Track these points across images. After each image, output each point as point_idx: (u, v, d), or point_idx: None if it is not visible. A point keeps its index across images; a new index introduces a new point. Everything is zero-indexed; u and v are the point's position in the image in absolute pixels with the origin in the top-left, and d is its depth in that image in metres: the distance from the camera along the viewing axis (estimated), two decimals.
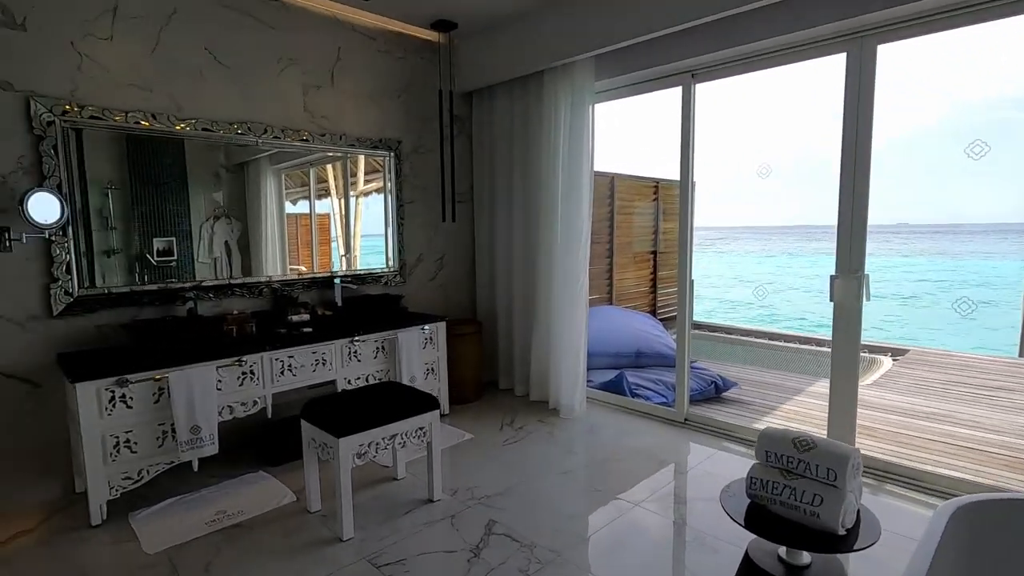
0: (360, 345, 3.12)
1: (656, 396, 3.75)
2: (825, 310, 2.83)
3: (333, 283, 3.47)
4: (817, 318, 11.94)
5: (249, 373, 2.70)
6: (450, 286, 4.19)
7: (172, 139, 2.79)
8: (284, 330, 3.01)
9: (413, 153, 3.86)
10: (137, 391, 2.37)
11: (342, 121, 3.47)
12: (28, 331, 2.48)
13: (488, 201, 4.14)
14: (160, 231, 2.73)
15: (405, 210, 3.84)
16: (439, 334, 3.51)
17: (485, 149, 4.11)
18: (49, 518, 2.40)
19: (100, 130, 2.60)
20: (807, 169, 20.26)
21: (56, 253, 2.51)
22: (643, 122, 5.99)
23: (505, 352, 4.12)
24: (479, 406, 3.81)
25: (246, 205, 3.09)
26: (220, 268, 3.01)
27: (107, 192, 2.60)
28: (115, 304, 2.68)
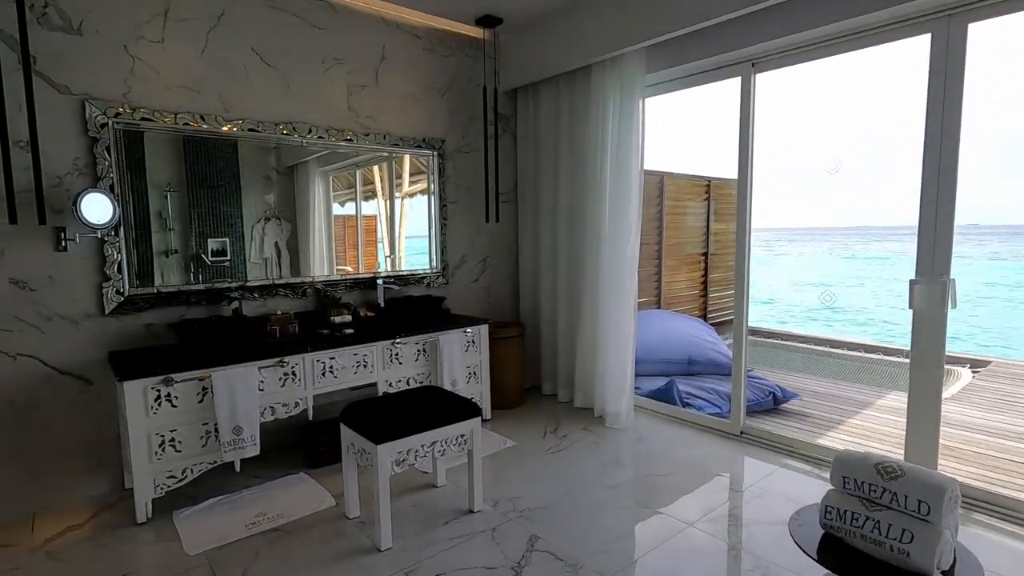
0: (401, 347, 3.06)
1: (709, 406, 3.54)
2: (900, 317, 2.57)
3: (376, 284, 3.43)
4: (890, 325, 11.18)
5: (291, 374, 2.68)
6: (493, 288, 4.10)
7: (226, 143, 2.83)
8: (326, 331, 2.99)
9: (457, 152, 3.80)
10: (182, 390, 2.38)
11: (386, 120, 3.43)
12: (82, 329, 2.53)
13: (532, 201, 4.03)
14: (215, 232, 2.78)
15: (448, 210, 3.77)
16: (481, 337, 3.42)
17: (529, 148, 4.00)
18: (98, 514, 2.44)
19: (157, 133, 2.63)
20: (882, 164, 17.86)
21: (108, 253, 2.55)
22: (695, 118, 5.69)
23: (549, 356, 4.00)
24: (521, 412, 3.70)
25: (295, 207, 3.10)
26: (270, 268, 3.03)
27: (166, 195, 2.66)
28: (164, 303, 2.71)
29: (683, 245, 5.94)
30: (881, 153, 33.78)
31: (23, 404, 2.42)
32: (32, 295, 2.41)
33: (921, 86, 2.39)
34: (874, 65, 37.09)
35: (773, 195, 19.75)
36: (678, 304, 5.88)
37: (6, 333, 2.37)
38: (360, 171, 3.39)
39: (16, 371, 2.40)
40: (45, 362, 2.46)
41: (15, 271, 2.37)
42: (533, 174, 4.00)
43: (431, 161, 3.66)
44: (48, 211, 2.39)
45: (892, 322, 11.41)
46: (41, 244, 2.42)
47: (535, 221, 4.03)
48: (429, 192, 3.69)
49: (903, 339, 5.82)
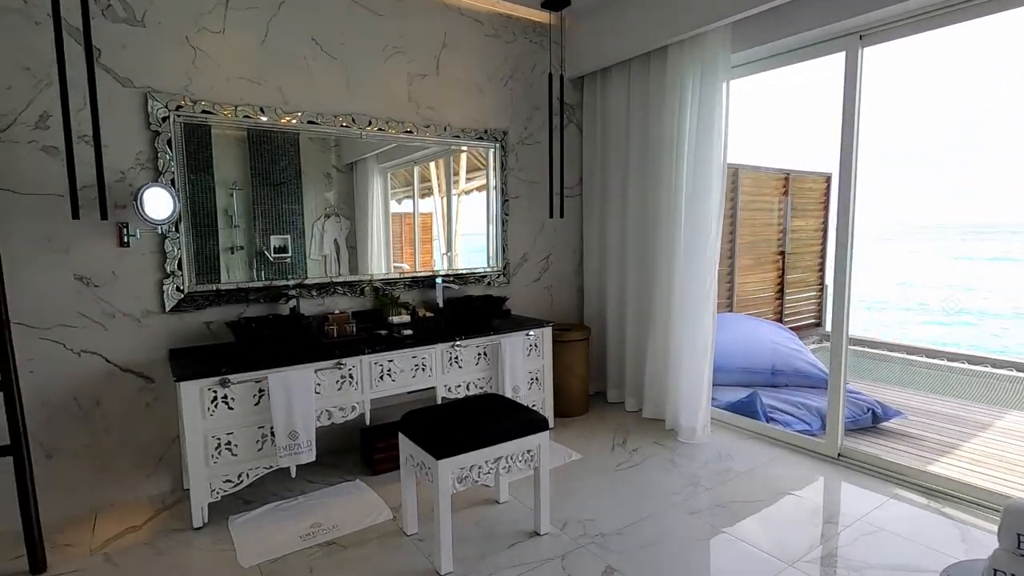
0: (461, 350, 2.89)
1: (796, 422, 3.19)
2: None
3: (435, 283, 3.28)
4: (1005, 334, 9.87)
5: (348, 377, 2.56)
6: (556, 288, 3.87)
7: (288, 140, 2.77)
8: (384, 331, 2.85)
9: (519, 144, 3.59)
10: (238, 392, 2.29)
11: (446, 111, 3.27)
12: (143, 326, 2.50)
13: (599, 195, 3.77)
14: (277, 229, 2.74)
15: (510, 206, 3.57)
16: (544, 340, 3.21)
17: (596, 138, 3.75)
18: (156, 515, 2.39)
19: (219, 128, 2.57)
20: (1012, 153, 15.07)
21: (169, 249, 2.50)
22: (772, 105, 5.21)
23: (615, 362, 3.74)
24: (586, 421, 3.46)
25: (354, 204, 3.01)
26: (329, 265, 2.95)
27: (232, 192, 2.62)
28: (223, 301, 2.65)
29: (758, 243, 5.51)
30: (1010, 141, 23.48)
31: (87, 401, 2.41)
32: (96, 291, 2.39)
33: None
34: (1008, 34, 22.61)
35: (878, 186, 16.18)
36: (751, 307, 5.46)
37: (71, 329, 2.35)
38: (417, 168, 3.26)
39: (80, 368, 2.38)
40: (108, 359, 2.44)
41: (80, 267, 2.35)
42: (600, 167, 3.75)
43: (493, 154, 3.47)
44: (111, 206, 2.36)
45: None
46: (104, 240, 2.39)
47: (601, 217, 3.78)
48: (488, 187, 3.51)
49: None
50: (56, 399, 2.35)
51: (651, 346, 3.38)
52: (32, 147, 2.24)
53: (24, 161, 2.23)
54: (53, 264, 2.30)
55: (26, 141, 2.23)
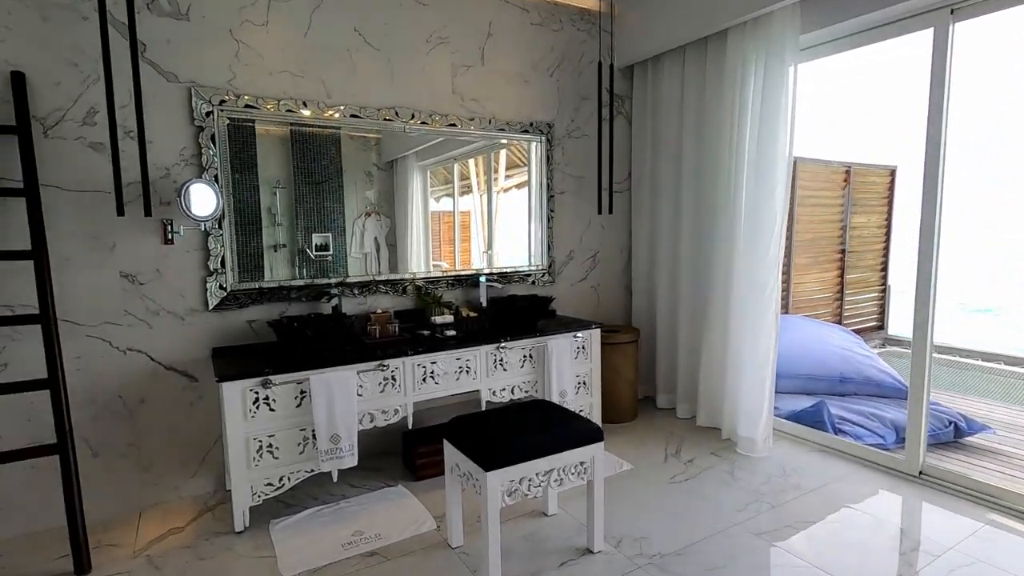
0: (506, 352, 2.76)
1: (868, 435, 2.94)
2: None
3: (478, 281, 3.17)
4: None
5: (391, 379, 2.47)
6: (603, 287, 3.71)
7: (330, 139, 2.72)
8: (427, 332, 2.76)
9: (566, 137, 3.44)
10: (280, 393, 2.23)
11: (491, 103, 3.15)
12: (187, 324, 2.46)
13: (649, 190, 3.59)
14: (319, 227, 2.70)
15: (556, 201, 3.43)
16: (592, 342, 3.05)
17: (647, 130, 3.56)
18: (199, 516, 2.35)
19: (263, 124, 2.52)
20: None
21: (212, 246, 2.46)
22: (834, 91, 4.79)
23: (666, 366, 3.55)
24: (636, 428, 3.29)
25: (394, 202, 2.94)
26: (369, 263, 2.89)
27: (275, 191, 2.58)
28: (266, 299, 2.60)
29: (816, 241, 5.20)
30: None
31: (132, 400, 2.39)
32: (141, 289, 2.36)
33: None
34: None
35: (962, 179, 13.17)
36: (808, 308, 5.15)
37: (116, 327, 2.33)
38: (457, 165, 3.16)
39: (125, 366, 2.37)
40: (152, 357, 2.41)
41: (125, 264, 2.33)
42: (651, 160, 3.56)
43: (537, 148, 3.33)
44: (155, 203, 2.33)
45: None
46: (149, 237, 2.36)
47: (652, 213, 3.59)
48: (529, 183, 3.37)
49: None
50: (102, 397, 2.33)
51: (706, 350, 3.18)
52: (79, 143, 2.22)
53: (71, 158, 2.21)
54: (100, 261, 2.29)
55: (73, 138, 2.21)
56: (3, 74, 2.07)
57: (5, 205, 2.11)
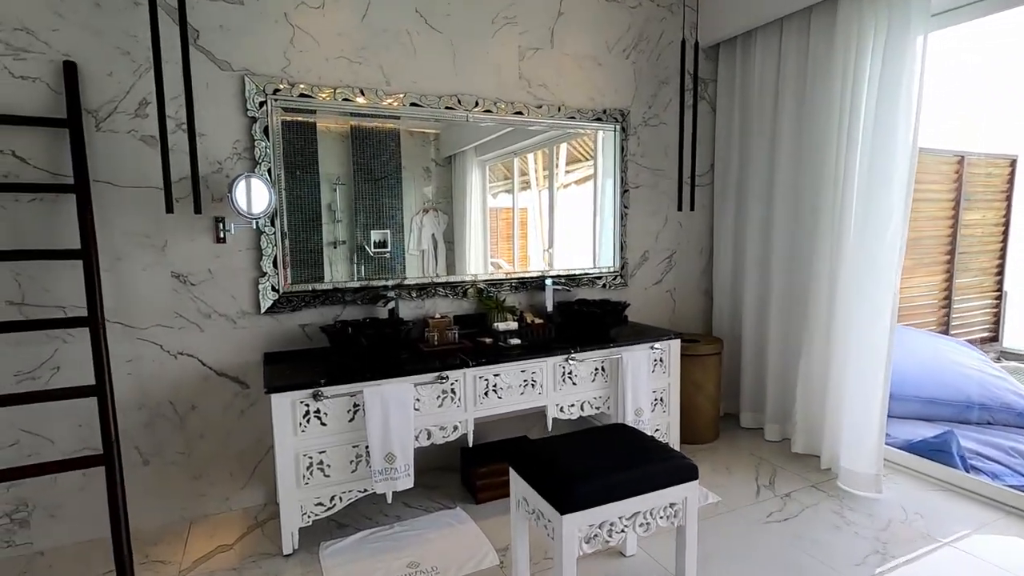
0: (576, 364, 2.49)
1: (1010, 475, 2.47)
2: None
3: (543, 284, 2.90)
4: None
5: (450, 392, 2.24)
6: (679, 291, 3.36)
7: (389, 135, 2.55)
8: (488, 339, 2.52)
9: (642, 126, 3.12)
10: (332, 407, 2.05)
11: (561, 89, 2.87)
12: (238, 328, 2.33)
13: (736, 184, 3.21)
14: (377, 224, 2.54)
15: (630, 197, 3.11)
16: (671, 354, 2.73)
17: (733, 117, 3.18)
18: (248, 532, 2.21)
19: (321, 116, 2.36)
20: None
21: (264, 246, 2.31)
22: (945, 68, 4.09)
23: (753, 381, 3.17)
24: (718, 450, 2.94)
25: (452, 198, 2.74)
26: (427, 261, 2.70)
27: (335, 187, 2.44)
28: (319, 302, 2.43)
29: (921, 241, 4.61)
30: None
31: (183, 406, 2.28)
32: (192, 290, 2.24)
33: None
34: None
35: None
36: (911, 316, 4.58)
37: (167, 330, 2.22)
38: (517, 160, 2.91)
39: (177, 370, 2.25)
40: (203, 362, 2.29)
41: (177, 264, 2.21)
42: (738, 149, 3.18)
43: (610, 138, 3.03)
44: (207, 199, 2.20)
45: None
46: (200, 236, 2.23)
47: (739, 209, 3.21)
48: (595, 178, 3.07)
49: None
50: (153, 403, 2.23)
51: (804, 364, 2.78)
52: (131, 137, 2.11)
53: (123, 152, 2.10)
54: (151, 261, 2.18)
55: (125, 131, 2.10)
56: (55, 64, 1.98)
57: (56, 202, 2.03)
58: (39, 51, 1.96)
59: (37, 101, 1.97)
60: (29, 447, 2.07)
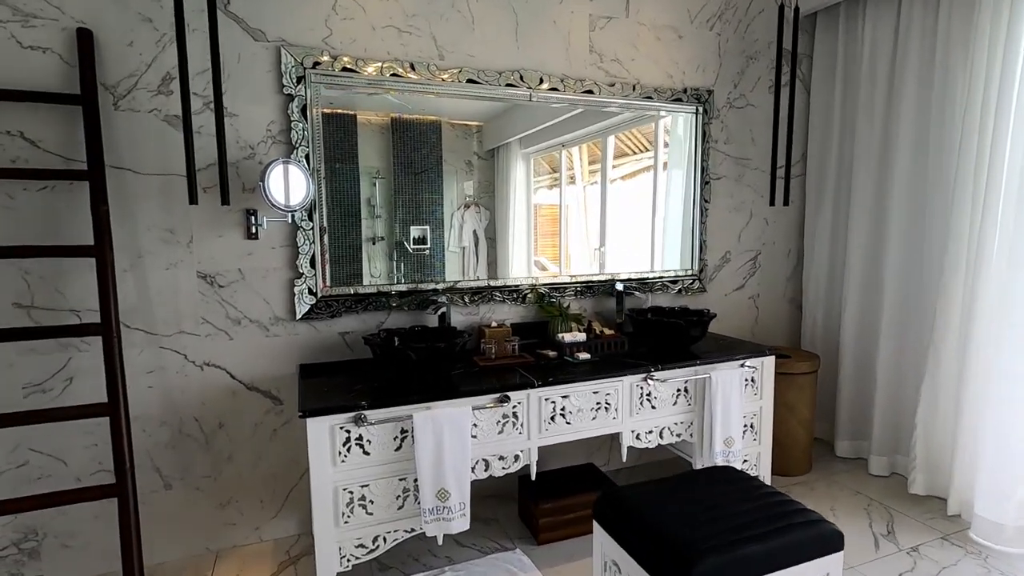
0: (656, 385, 2.12)
1: None
2: None
3: (611, 290, 2.54)
4: None
5: (511, 416, 1.91)
6: (764, 298, 2.94)
7: (431, 127, 2.26)
8: (552, 352, 2.18)
9: (727, 108, 2.72)
10: (377, 433, 1.74)
11: (636, 65, 2.50)
12: (271, 336, 2.05)
13: (834, 177, 2.77)
14: (417, 219, 2.26)
15: (712, 189, 2.71)
16: (764, 373, 2.33)
17: (834, 99, 2.75)
18: (279, 572, 1.93)
19: (360, 93, 2.05)
20: None
21: (301, 242, 2.02)
22: None
23: (854, 404, 2.73)
24: (815, 487, 2.52)
25: (495, 193, 2.44)
26: (467, 259, 2.41)
27: (375, 182, 2.16)
28: (361, 307, 2.13)
29: None
30: None
31: (209, 424, 2.01)
32: (220, 292, 1.97)
33: None
34: None
35: None
36: None
37: (193, 338, 1.96)
38: (564, 152, 2.56)
39: (202, 383, 1.99)
40: (232, 374, 2.02)
41: (204, 263, 1.94)
42: (837, 138, 2.75)
43: (691, 122, 2.64)
44: (237, 189, 1.92)
45: None
46: (230, 231, 1.96)
47: (837, 206, 2.78)
48: (655, 168, 2.68)
49: None
50: (176, 420, 1.97)
51: (928, 390, 2.34)
52: (154, 117, 1.85)
53: (145, 134, 1.84)
54: (175, 259, 1.91)
55: (147, 109, 1.84)
56: (69, 32, 1.72)
57: (71, 191, 1.78)
58: (50, 17, 1.71)
59: (48, 75, 1.72)
60: (39, 468, 1.83)
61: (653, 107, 2.55)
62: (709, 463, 2.24)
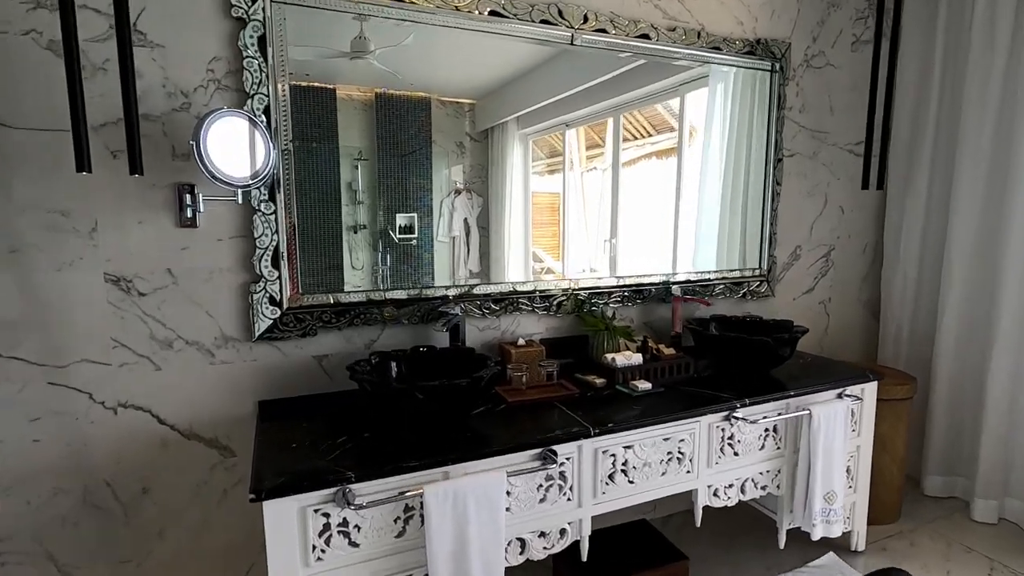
0: (740, 425, 1.59)
1: None
2: None
3: (665, 294, 2.01)
4: None
5: (558, 478, 1.37)
6: (836, 304, 2.44)
7: (419, 104, 1.73)
8: (599, 379, 1.64)
9: (804, 67, 2.18)
10: (370, 517, 1.18)
11: (699, 7, 1.94)
12: (218, 363, 1.46)
13: (929, 159, 2.27)
14: (403, 206, 1.75)
15: (784, 168, 2.18)
16: (865, 402, 1.83)
17: (933, 62, 2.23)
18: None
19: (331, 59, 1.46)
20: None
21: (260, 232, 1.44)
22: None
23: (949, 434, 2.25)
24: (916, 540, 2.03)
25: (488, 178, 1.92)
26: (458, 249, 1.88)
27: (356, 164, 1.62)
28: (343, 320, 1.56)
29: None
30: None
31: (128, 488, 1.42)
32: (142, 304, 1.38)
33: None
34: None
35: None
36: None
37: (101, 369, 1.36)
38: (570, 131, 2.04)
39: (117, 432, 1.40)
40: (161, 418, 1.43)
41: (115, 261, 1.35)
42: (935, 110, 2.24)
43: (768, 82, 2.10)
44: (166, 154, 1.33)
45: None
46: (154, 215, 1.36)
47: (935, 188, 2.28)
48: (679, 150, 2.13)
49: None
50: (79, 486, 1.38)
51: None
52: (32, 43, 1.24)
53: (21, 69, 1.23)
54: (71, 255, 1.31)
55: (20, 31, 1.23)
56: None
57: None
58: None
59: None
60: None
61: (723, 60, 1.99)
62: (802, 523, 1.73)
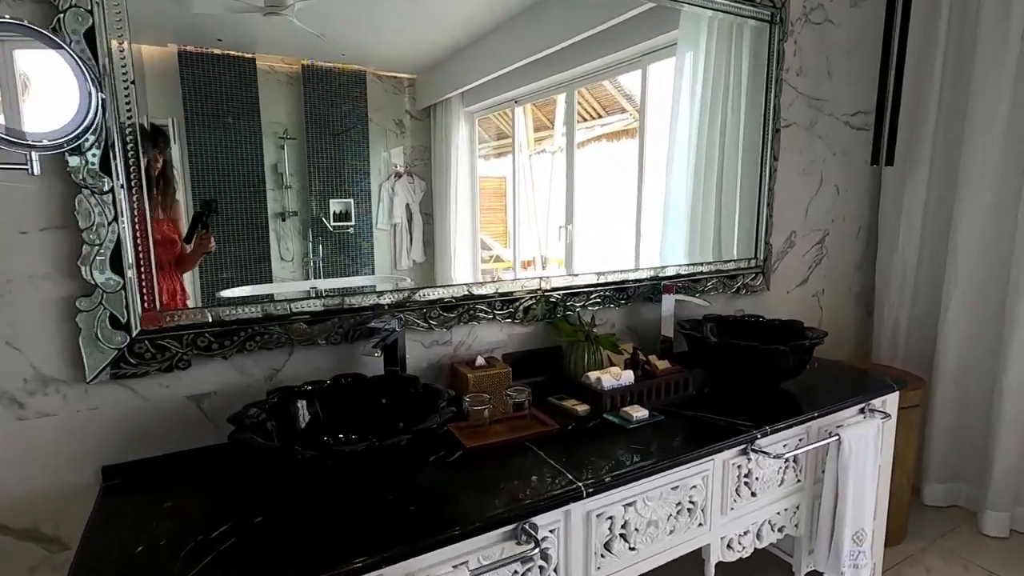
0: (758, 459, 1.26)
1: None
2: None
3: (653, 293, 1.65)
4: None
5: (538, 560, 0.98)
6: (829, 296, 2.18)
7: (354, 78, 1.29)
8: (581, 406, 1.27)
9: (802, 22, 1.87)
10: None
11: None
12: (31, 416, 0.98)
13: (934, 127, 2.01)
14: (338, 191, 1.35)
15: (781, 142, 1.87)
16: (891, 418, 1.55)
17: (937, 27, 1.96)
18: None
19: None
20: None
21: (89, 220, 0.95)
22: None
23: (955, 439, 2.04)
24: (927, 561, 1.81)
25: (432, 161, 1.54)
26: (399, 237, 1.48)
27: (282, 144, 1.19)
28: (233, 344, 1.10)
29: None
30: None
31: None
32: None
33: None
34: None
35: None
36: None
37: None
38: (519, 108, 1.70)
39: None
40: None
41: None
42: (941, 70, 1.98)
43: (768, 36, 1.77)
44: None
45: None
46: None
47: (940, 166, 2.03)
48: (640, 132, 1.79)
49: None
50: None
51: None
52: None
53: None
54: None
55: None
56: None
57: None
58: None
59: None
60: None
61: (716, 6, 1.64)
62: (826, 568, 1.43)
